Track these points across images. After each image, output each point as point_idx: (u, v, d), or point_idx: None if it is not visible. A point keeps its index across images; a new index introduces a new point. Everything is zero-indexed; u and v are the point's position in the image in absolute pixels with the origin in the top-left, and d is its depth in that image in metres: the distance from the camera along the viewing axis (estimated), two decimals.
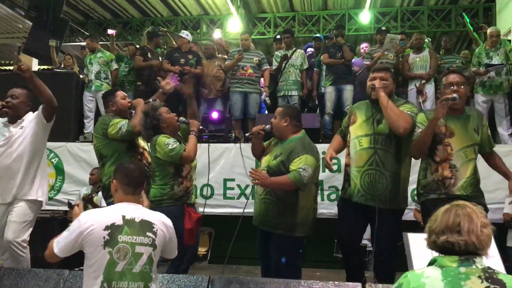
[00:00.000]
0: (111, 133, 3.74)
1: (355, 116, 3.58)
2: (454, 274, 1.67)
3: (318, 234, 3.67)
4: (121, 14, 11.41)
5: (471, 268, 1.67)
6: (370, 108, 3.48)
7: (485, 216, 1.77)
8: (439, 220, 1.77)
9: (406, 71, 6.71)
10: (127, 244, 2.31)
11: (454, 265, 1.69)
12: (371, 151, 3.39)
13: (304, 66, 6.99)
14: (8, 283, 3.09)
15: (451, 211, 1.77)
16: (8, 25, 10.17)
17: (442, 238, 1.72)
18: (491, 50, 6.36)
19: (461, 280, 1.65)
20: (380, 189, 3.36)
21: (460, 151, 3.27)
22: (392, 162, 3.41)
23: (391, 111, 3.31)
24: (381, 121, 3.41)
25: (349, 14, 10.92)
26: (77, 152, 6.30)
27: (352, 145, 3.52)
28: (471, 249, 1.70)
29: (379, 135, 3.39)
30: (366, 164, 3.41)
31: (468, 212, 1.74)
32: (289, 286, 2.89)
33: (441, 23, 10.67)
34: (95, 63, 6.96)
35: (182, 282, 2.97)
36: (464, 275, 1.66)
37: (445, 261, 1.72)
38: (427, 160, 3.39)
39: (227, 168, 5.81)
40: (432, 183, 3.34)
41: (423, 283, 1.68)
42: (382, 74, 3.49)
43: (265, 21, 11.40)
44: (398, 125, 3.28)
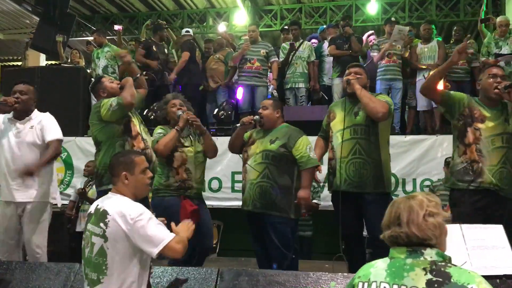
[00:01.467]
0: (104, 113, 3.56)
1: (333, 113, 3.80)
2: (399, 265, 1.68)
3: (326, 227, 3.70)
4: (127, 8, 11.41)
5: (417, 260, 1.67)
6: (346, 103, 3.74)
7: (436, 204, 1.74)
8: (386, 215, 1.79)
9: (414, 62, 6.65)
10: (88, 233, 2.41)
11: (402, 256, 1.70)
12: (353, 141, 3.61)
13: (311, 58, 6.96)
14: (19, 277, 3.12)
15: (394, 205, 1.78)
16: (16, 21, 10.22)
17: (387, 233, 1.74)
18: (501, 39, 6.30)
19: (404, 271, 1.65)
20: (364, 175, 3.57)
21: (489, 138, 3.32)
22: (373, 149, 3.60)
23: (368, 99, 3.57)
24: (358, 112, 3.64)
25: (356, 5, 10.83)
26: (86, 146, 6.34)
27: (335, 139, 3.71)
28: (415, 240, 1.69)
29: (358, 126, 3.62)
30: (350, 154, 3.60)
31: (411, 203, 1.73)
32: (298, 278, 2.89)
33: (449, 13, 10.55)
34: (102, 57, 6.98)
35: (192, 275, 2.98)
36: (409, 266, 1.66)
37: (394, 252, 1.74)
38: (456, 142, 3.46)
39: (235, 161, 5.79)
40: (460, 167, 3.38)
41: (370, 272, 1.73)
42: (356, 69, 3.79)
43: (271, 13, 11.34)
44: (377, 110, 3.52)
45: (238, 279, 2.91)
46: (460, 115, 3.42)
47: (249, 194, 3.64)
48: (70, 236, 5.60)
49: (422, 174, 5.65)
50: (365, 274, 1.74)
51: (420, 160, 5.64)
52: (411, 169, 5.74)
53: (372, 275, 1.71)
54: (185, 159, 3.71)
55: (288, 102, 6.87)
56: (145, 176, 2.55)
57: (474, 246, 2.64)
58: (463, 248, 2.64)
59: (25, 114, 3.81)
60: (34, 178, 3.71)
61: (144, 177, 2.54)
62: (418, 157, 5.74)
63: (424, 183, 5.64)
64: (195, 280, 2.95)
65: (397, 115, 6.55)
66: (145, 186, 2.58)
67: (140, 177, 2.52)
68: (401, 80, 6.56)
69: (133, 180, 2.49)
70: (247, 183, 3.69)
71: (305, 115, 6.15)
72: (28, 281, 3.09)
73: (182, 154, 3.71)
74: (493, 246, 2.65)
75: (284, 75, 6.92)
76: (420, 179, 5.68)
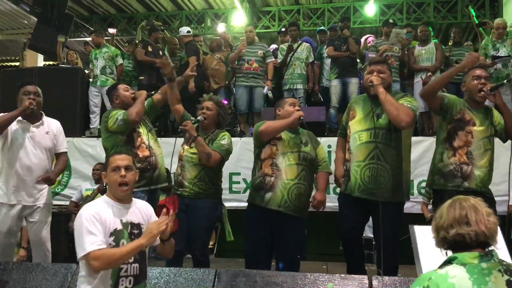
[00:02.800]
0: (109, 125, 3.78)
1: (354, 111, 3.60)
2: (478, 270, 1.66)
3: (324, 228, 3.70)
4: (125, 9, 11.40)
5: (491, 263, 1.68)
6: (368, 102, 3.50)
7: (487, 205, 1.79)
8: (445, 215, 1.77)
9: (412, 64, 6.66)
10: None
11: (476, 261, 1.68)
12: (372, 145, 3.40)
13: (309, 59, 6.98)
14: (16, 277, 3.12)
15: (455, 205, 1.77)
16: (13, 21, 10.19)
17: (452, 232, 1.72)
18: (498, 42, 6.32)
19: (485, 276, 1.64)
20: (381, 182, 3.37)
21: (479, 141, 3.40)
22: (393, 155, 3.41)
23: (391, 105, 3.31)
24: (381, 115, 3.42)
25: (354, 6, 10.85)
26: (83, 147, 6.34)
27: (352, 140, 3.52)
28: (482, 238, 1.70)
29: (379, 129, 3.40)
30: (367, 159, 3.41)
31: (472, 203, 1.76)
32: (295, 279, 2.89)
33: (447, 15, 10.58)
34: (100, 58, 6.97)
35: (189, 275, 2.99)
36: (486, 270, 1.66)
37: (466, 258, 1.70)
38: (445, 144, 3.48)
39: (232, 162, 5.78)
40: (449, 169, 3.41)
41: (452, 283, 1.65)
42: (379, 67, 3.50)
43: (269, 15, 11.36)
44: (400, 119, 3.28)
45: (235, 280, 2.92)
46: (451, 119, 3.46)
47: (282, 193, 3.46)
48: (69, 236, 5.58)
49: (419, 176, 5.65)
50: (448, 286, 1.65)
51: (417, 161, 5.64)
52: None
53: (457, 286, 1.64)
54: (181, 155, 3.80)
55: None
56: (115, 175, 2.45)
57: None
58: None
59: (36, 116, 3.82)
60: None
61: (114, 176, 2.46)
62: (415, 159, 5.72)
63: (421, 185, 5.64)
64: (192, 281, 2.96)
65: None
66: (116, 185, 2.45)
67: (111, 175, 2.47)
68: (398, 81, 6.58)
69: (107, 179, 2.50)
70: (277, 180, 3.49)
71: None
72: (25, 281, 3.09)
73: (180, 151, 3.81)
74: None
75: (282, 76, 6.93)
76: (418, 180, 5.68)
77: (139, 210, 2.58)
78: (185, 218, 3.64)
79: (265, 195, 3.50)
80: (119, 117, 3.75)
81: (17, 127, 3.75)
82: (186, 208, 3.66)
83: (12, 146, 3.73)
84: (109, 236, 2.36)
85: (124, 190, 2.47)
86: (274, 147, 3.55)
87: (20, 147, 3.73)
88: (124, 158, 2.54)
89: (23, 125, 3.77)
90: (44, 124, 3.85)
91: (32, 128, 3.78)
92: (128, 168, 2.49)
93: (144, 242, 2.32)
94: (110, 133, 3.82)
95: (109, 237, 2.35)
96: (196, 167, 3.70)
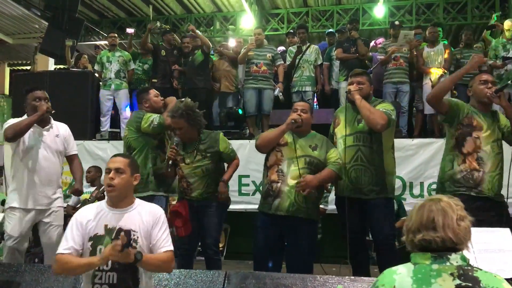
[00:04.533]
0: (144, 126, 3.93)
1: (338, 119, 3.84)
2: (425, 271, 1.63)
3: (333, 230, 3.70)
4: (135, 13, 11.50)
5: (444, 265, 1.63)
6: (350, 109, 3.75)
7: (462, 208, 1.71)
8: (414, 218, 1.71)
9: (421, 65, 6.64)
10: None
11: (428, 262, 1.65)
12: (355, 148, 3.64)
13: (318, 61, 6.99)
14: (29, 279, 3.15)
15: (424, 207, 1.71)
16: (25, 26, 10.30)
17: (419, 237, 1.67)
18: (508, 42, 6.28)
19: (431, 277, 1.61)
20: (365, 182, 3.60)
21: (488, 145, 3.40)
22: (375, 156, 3.63)
23: (366, 110, 3.56)
24: (361, 120, 3.65)
25: (363, 8, 10.85)
26: (94, 150, 6.40)
27: (339, 145, 3.73)
28: (449, 245, 1.64)
29: (360, 133, 3.64)
30: (352, 161, 3.63)
31: (443, 206, 1.68)
32: (305, 281, 2.90)
33: (457, 16, 10.53)
34: (115, 61, 7.01)
35: (199, 277, 3.00)
36: (435, 272, 1.62)
37: (417, 258, 1.68)
38: (454, 151, 3.49)
39: (242, 165, 5.72)
40: (460, 176, 3.42)
41: (394, 279, 1.66)
42: (359, 79, 3.75)
43: (278, 17, 11.38)
44: (375, 122, 3.51)
45: (245, 282, 2.93)
46: (458, 124, 3.47)
47: (289, 197, 3.46)
48: None
49: (429, 178, 5.64)
50: (389, 281, 1.67)
51: (427, 163, 5.63)
52: (419, 172, 5.74)
53: (397, 282, 1.64)
54: (182, 175, 3.85)
55: None
56: (106, 176, 2.43)
57: (480, 250, 2.64)
58: (470, 252, 2.64)
59: (45, 120, 3.87)
60: (58, 186, 3.93)
61: (106, 176, 2.43)
62: (425, 161, 5.73)
63: (431, 187, 5.62)
64: (202, 282, 2.97)
65: (405, 118, 6.54)
66: (106, 186, 2.43)
67: (104, 176, 2.48)
68: (408, 83, 6.55)
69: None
70: (283, 186, 3.49)
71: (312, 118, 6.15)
72: (37, 283, 3.12)
73: (179, 171, 3.87)
74: (500, 249, 2.65)
75: (291, 79, 6.94)
76: (428, 182, 5.67)
77: (140, 215, 2.44)
78: (196, 220, 3.79)
79: (273, 202, 3.52)
80: (155, 120, 3.91)
81: (30, 132, 3.78)
82: (197, 210, 3.80)
83: (26, 151, 3.75)
84: (88, 240, 2.36)
85: (109, 191, 2.42)
86: (279, 153, 3.58)
87: (34, 151, 3.76)
88: (117, 160, 2.48)
89: (35, 130, 3.80)
90: (53, 127, 3.90)
91: (43, 132, 3.82)
92: (118, 171, 2.41)
93: (96, 262, 2.24)
94: (141, 134, 3.96)
95: (87, 241, 2.36)
96: (203, 180, 3.82)
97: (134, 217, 2.43)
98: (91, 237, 2.36)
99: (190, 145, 3.85)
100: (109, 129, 6.94)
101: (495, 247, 2.66)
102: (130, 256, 2.17)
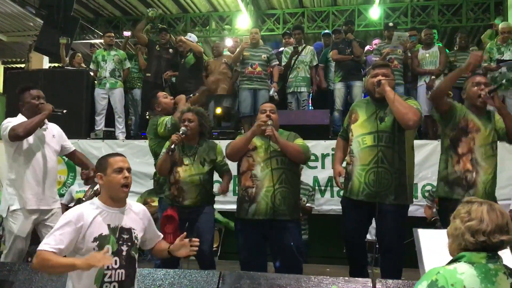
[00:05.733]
0: (160, 131, 4.05)
1: (356, 114, 3.57)
2: (485, 270, 1.69)
3: (328, 231, 3.69)
4: (131, 11, 11.45)
5: (497, 265, 1.71)
6: (371, 105, 3.49)
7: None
8: (488, 220, 1.73)
9: (415, 67, 6.67)
10: None
11: (483, 261, 1.71)
12: (375, 149, 3.38)
13: (313, 62, 7.01)
14: (22, 278, 3.14)
15: (495, 210, 1.75)
16: (19, 23, 10.26)
17: (496, 238, 1.71)
18: (503, 45, 6.32)
19: (492, 276, 1.67)
20: (385, 185, 3.36)
21: (482, 147, 3.41)
22: (397, 159, 3.39)
23: (400, 104, 3.29)
24: (383, 118, 3.41)
25: (359, 9, 10.86)
26: (89, 149, 6.36)
27: (355, 144, 3.48)
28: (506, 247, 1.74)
29: (383, 133, 3.39)
30: (371, 162, 3.38)
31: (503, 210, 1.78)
32: (299, 282, 2.90)
33: (452, 18, 10.57)
34: (110, 60, 6.99)
35: (194, 277, 3.00)
36: (493, 271, 1.69)
37: (474, 257, 1.72)
38: (449, 152, 3.49)
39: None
40: (454, 177, 3.43)
41: (460, 279, 1.67)
42: (384, 70, 3.49)
43: (274, 18, 11.38)
44: (409, 118, 3.26)
45: (239, 282, 2.93)
46: (454, 125, 3.48)
47: (265, 202, 3.44)
48: None
49: (423, 179, 5.66)
50: (456, 281, 1.67)
51: (421, 165, 5.65)
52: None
53: (466, 281, 1.67)
54: (177, 180, 3.76)
55: (290, 106, 6.90)
56: (119, 176, 2.42)
57: None
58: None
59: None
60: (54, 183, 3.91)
61: (117, 176, 2.41)
62: (419, 162, 5.73)
63: (425, 188, 5.65)
64: (197, 282, 2.97)
65: None
66: (118, 186, 2.41)
67: (112, 177, 2.41)
68: (402, 84, 6.59)
69: (106, 180, 2.42)
70: (259, 190, 3.47)
71: (307, 119, 6.17)
72: (31, 282, 3.12)
73: (176, 175, 3.76)
74: None
75: (286, 79, 6.95)
76: (422, 183, 5.69)
77: (135, 214, 2.53)
78: (187, 225, 3.65)
79: (250, 207, 3.50)
80: (167, 123, 4.01)
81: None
82: (188, 216, 3.71)
83: (31, 151, 3.72)
84: (93, 241, 2.33)
85: (126, 191, 2.45)
86: (250, 158, 3.55)
87: (36, 151, 3.73)
88: (125, 160, 2.51)
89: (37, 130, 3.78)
90: (48, 127, 3.87)
91: (43, 132, 3.80)
92: (129, 170, 2.48)
93: (78, 265, 2.19)
94: (161, 139, 4.05)
95: (92, 242, 2.32)
96: (196, 189, 3.76)
97: (132, 216, 2.51)
98: (96, 237, 2.34)
99: (189, 148, 3.82)
100: (103, 128, 6.92)
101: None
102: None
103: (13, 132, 3.56)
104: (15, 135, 3.57)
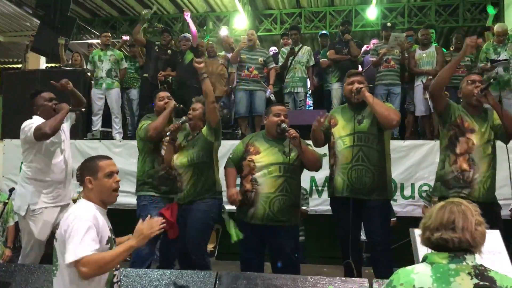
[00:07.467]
0: (141, 134, 4.02)
1: (335, 119, 3.77)
2: (443, 270, 1.68)
3: (324, 231, 3.70)
4: (127, 11, 11.44)
5: (461, 265, 1.69)
6: (349, 110, 3.72)
7: (479, 214, 1.79)
8: (434, 217, 1.78)
9: (412, 67, 6.67)
10: None
11: (445, 261, 1.71)
12: (356, 148, 3.57)
13: (310, 62, 7.02)
14: (19, 279, 3.13)
15: (446, 208, 1.78)
16: (16, 23, 10.24)
17: (437, 235, 1.74)
18: (499, 46, 6.33)
19: (450, 276, 1.66)
20: (367, 182, 3.53)
21: (480, 146, 3.44)
22: (376, 157, 3.57)
23: (381, 107, 3.54)
24: (362, 120, 3.62)
25: (356, 10, 10.88)
26: (85, 149, 6.36)
27: (337, 145, 3.67)
28: (465, 246, 1.71)
29: (361, 133, 3.59)
30: (353, 161, 3.56)
31: (463, 209, 1.76)
32: (296, 282, 2.91)
33: (449, 19, 10.59)
34: (106, 61, 6.98)
35: (190, 278, 3.00)
36: (453, 271, 1.67)
37: (435, 257, 1.74)
38: (447, 151, 3.54)
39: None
40: (451, 176, 3.47)
41: (412, 279, 1.69)
42: (359, 78, 3.71)
43: (271, 18, 11.38)
44: (392, 118, 3.49)
45: (236, 283, 2.93)
46: (451, 125, 3.52)
47: (263, 207, 3.49)
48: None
49: (420, 179, 5.67)
50: (407, 281, 1.69)
51: (418, 165, 5.66)
52: (410, 174, 5.76)
53: (416, 281, 1.68)
54: (174, 165, 3.79)
55: (287, 106, 6.89)
56: (110, 180, 2.39)
57: None
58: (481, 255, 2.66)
59: None
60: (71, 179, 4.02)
61: (109, 181, 2.39)
62: (416, 162, 5.76)
63: (422, 188, 5.66)
64: (193, 283, 2.97)
65: None
66: (110, 190, 2.39)
67: (104, 181, 2.38)
68: (399, 85, 6.60)
69: (97, 184, 2.37)
70: (257, 195, 3.52)
71: (304, 119, 6.15)
72: (27, 283, 3.11)
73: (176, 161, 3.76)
74: (490, 251, 2.66)
75: (283, 80, 6.94)
76: (419, 184, 5.70)
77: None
78: (182, 223, 3.69)
79: (248, 211, 3.56)
80: (144, 129, 3.97)
81: None
82: (183, 213, 3.71)
83: (51, 149, 3.77)
84: (106, 243, 2.29)
85: (117, 196, 2.44)
86: (251, 163, 3.59)
87: (58, 148, 3.81)
88: (114, 163, 2.48)
89: None
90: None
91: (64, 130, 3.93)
92: (117, 173, 2.46)
93: (135, 244, 2.21)
94: (140, 138, 4.06)
95: (105, 244, 2.29)
96: (189, 168, 3.69)
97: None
98: (107, 240, 2.31)
99: (191, 136, 3.86)
100: (100, 129, 6.91)
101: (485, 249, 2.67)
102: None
103: (40, 132, 3.58)
104: (42, 134, 3.59)
